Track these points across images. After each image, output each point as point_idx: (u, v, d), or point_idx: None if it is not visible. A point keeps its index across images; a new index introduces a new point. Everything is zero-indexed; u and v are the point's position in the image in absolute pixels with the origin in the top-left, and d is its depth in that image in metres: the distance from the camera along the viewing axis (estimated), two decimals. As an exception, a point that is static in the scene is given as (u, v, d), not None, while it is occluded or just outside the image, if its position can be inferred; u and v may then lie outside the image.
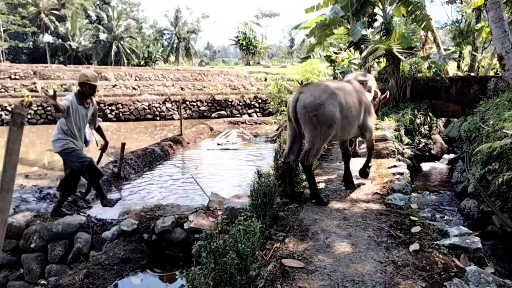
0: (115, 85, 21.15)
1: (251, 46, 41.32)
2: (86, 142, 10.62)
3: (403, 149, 7.15)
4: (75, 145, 4.80)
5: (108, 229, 4.56)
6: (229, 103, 20.60)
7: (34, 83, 18.64)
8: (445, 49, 15.67)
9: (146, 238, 4.33)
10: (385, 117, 9.06)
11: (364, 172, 4.74)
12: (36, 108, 16.98)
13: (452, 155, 9.98)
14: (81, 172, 4.83)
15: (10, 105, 16.27)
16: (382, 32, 11.16)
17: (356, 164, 5.00)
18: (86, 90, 4.82)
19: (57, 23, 42.01)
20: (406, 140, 7.95)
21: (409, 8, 11.31)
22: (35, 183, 6.78)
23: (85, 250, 4.43)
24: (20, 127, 1.28)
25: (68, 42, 41.08)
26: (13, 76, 19.79)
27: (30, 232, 4.61)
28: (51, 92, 4.53)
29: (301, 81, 12.31)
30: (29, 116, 16.74)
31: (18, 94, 17.47)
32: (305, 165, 3.74)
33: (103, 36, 42.64)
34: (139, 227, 4.39)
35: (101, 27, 43.79)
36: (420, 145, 9.52)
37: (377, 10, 12.05)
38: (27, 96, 16.94)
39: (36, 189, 6.20)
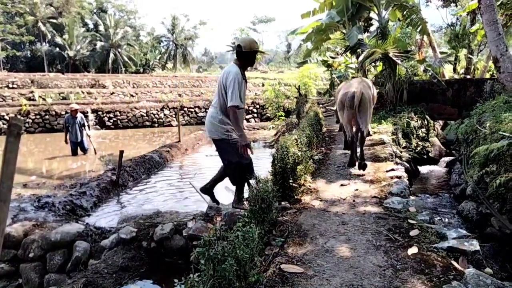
0: (113, 93, 21.20)
1: (248, 52, 41.37)
2: (84, 150, 10.61)
3: (401, 152, 7.17)
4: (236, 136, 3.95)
5: (107, 237, 4.55)
6: (227, 109, 20.63)
7: (32, 92, 18.64)
8: (441, 52, 15.78)
9: (145, 245, 4.32)
10: (383, 121, 9.09)
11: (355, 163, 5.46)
12: (34, 117, 16.96)
13: (449, 158, 10.01)
14: (231, 168, 4.06)
15: (7, 114, 16.25)
16: (378, 36, 11.22)
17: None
18: (252, 59, 3.97)
19: (54, 31, 42.11)
20: (403, 143, 7.98)
21: (405, 12, 11.40)
22: (34, 192, 6.75)
23: (84, 258, 4.41)
24: (17, 138, 1.29)
25: (66, 51, 41.17)
26: (10, 85, 19.80)
27: (29, 241, 4.60)
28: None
29: (298, 86, 12.35)
30: (26, 125, 16.71)
31: (16, 103, 17.45)
32: (365, 136, 5.51)
33: (100, 44, 42.74)
34: (138, 235, 4.38)
35: (98, 35, 43.92)
36: (418, 148, 9.54)
37: (372, 14, 12.15)
38: (25, 105, 16.93)
39: (34, 198, 6.17)
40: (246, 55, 3.91)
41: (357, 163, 5.28)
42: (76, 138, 10.28)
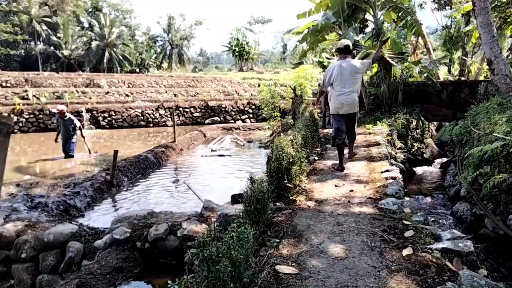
0: (108, 92, 21.06)
1: (244, 52, 41.46)
2: (67, 154, 10.04)
3: (396, 153, 7.19)
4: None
5: (101, 237, 4.50)
6: (223, 109, 20.59)
7: (26, 91, 18.48)
8: (435, 54, 15.87)
9: (139, 246, 4.28)
10: (378, 122, 9.12)
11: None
12: (27, 116, 16.82)
13: (444, 159, 10.06)
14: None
15: (0, 113, 16.10)
16: (373, 37, 11.26)
17: (354, 167, 5.00)
18: None
19: (49, 30, 41.80)
20: (398, 144, 8.00)
21: (400, 14, 11.45)
22: (26, 191, 6.68)
23: (77, 259, 4.37)
24: (7, 137, 1.26)
25: (61, 50, 40.87)
26: (4, 84, 19.60)
27: (21, 242, 4.54)
28: None
29: (294, 87, 12.35)
30: (20, 124, 16.58)
31: (9, 102, 17.30)
32: None
33: (95, 43, 42.50)
34: (132, 235, 4.34)
35: (93, 34, 43.66)
36: (413, 149, 9.59)
37: (368, 16, 12.19)
38: (19, 104, 16.78)
39: (27, 198, 6.10)
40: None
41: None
42: (64, 139, 9.92)
